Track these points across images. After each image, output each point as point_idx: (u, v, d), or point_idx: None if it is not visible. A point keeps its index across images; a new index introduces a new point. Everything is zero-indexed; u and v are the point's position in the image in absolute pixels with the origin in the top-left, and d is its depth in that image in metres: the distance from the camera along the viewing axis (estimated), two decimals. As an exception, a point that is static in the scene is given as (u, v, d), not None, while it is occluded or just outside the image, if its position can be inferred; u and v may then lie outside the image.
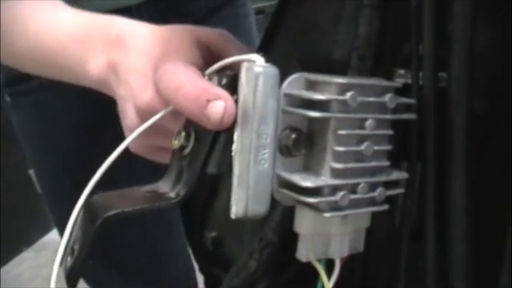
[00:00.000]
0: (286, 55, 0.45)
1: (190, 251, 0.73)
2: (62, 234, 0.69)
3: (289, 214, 0.30)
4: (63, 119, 0.64)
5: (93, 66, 0.40)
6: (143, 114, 0.37)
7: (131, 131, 0.38)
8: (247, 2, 0.75)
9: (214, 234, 0.44)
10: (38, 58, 0.45)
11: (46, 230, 2.11)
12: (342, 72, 0.37)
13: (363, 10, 0.33)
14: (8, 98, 0.66)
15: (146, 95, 0.36)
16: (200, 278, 0.68)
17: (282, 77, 0.30)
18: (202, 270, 0.66)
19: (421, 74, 0.32)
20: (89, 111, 0.62)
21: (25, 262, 1.98)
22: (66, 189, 0.67)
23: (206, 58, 0.38)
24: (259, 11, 1.84)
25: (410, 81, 0.33)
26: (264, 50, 0.48)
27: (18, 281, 1.86)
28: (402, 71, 0.35)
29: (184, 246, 0.75)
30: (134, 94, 0.37)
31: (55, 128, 0.65)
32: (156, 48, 0.38)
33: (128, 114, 0.38)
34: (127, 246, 0.69)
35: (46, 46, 0.43)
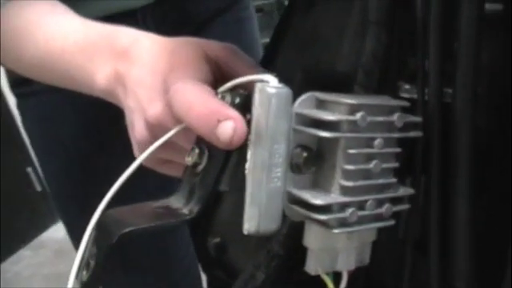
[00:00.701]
0: (291, 64, 0.45)
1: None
2: (68, 231, 0.70)
3: (296, 227, 0.31)
4: (67, 120, 0.65)
5: (100, 77, 0.41)
6: (152, 127, 0.37)
7: (140, 144, 0.38)
8: (250, 5, 0.76)
9: (217, 240, 0.44)
10: (48, 66, 0.45)
11: (44, 228, 2.12)
12: (346, 84, 0.38)
13: (370, 27, 0.34)
14: (15, 99, 0.67)
15: (155, 108, 0.36)
16: (204, 277, 0.69)
17: (287, 86, 0.30)
18: (205, 271, 0.67)
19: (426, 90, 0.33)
20: (93, 112, 0.62)
21: (23, 260, 1.98)
22: (71, 188, 0.68)
23: (214, 71, 0.39)
24: (258, 9, 1.84)
25: (415, 96, 0.34)
26: (269, 58, 0.49)
27: (16, 279, 1.86)
28: (407, 86, 0.35)
29: (189, 245, 0.75)
30: (143, 107, 0.37)
31: (59, 129, 0.66)
32: (164, 61, 0.38)
33: (136, 127, 0.39)
34: (132, 246, 0.69)
35: (55, 55, 0.44)
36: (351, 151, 0.27)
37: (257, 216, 0.26)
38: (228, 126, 0.28)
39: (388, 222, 0.30)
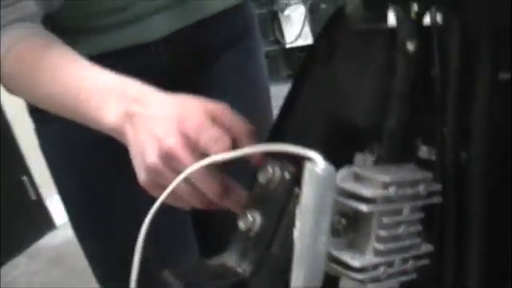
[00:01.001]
0: (311, 114, 0.49)
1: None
2: (81, 243, 0.73)
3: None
4: (82, 144, 0.68)
5: (109, 115, 0.47)
6: (165, 157, 0.43)
7: (149, 170, 0.44)
8: (257, 36, 0.80)
9: None
10: (62, 102, 0.51)
11: (40, 236, 2.12)
12: (366, 138, 0.42)
13: (395, 97, 0.38)
14: (33, 123, 0.70)
15: (171, 141, 0.43)
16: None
17: (307, 133, 0.34)
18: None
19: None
20: (107, 138, 0.65)
21: (18, 267, 2.00)
22: (86, 208, 0.71)
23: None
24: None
25: (432, 157, 0.38)
26: (290, 105, 0.53)
27: (13, 285, 1.87)
28: (424, 148, 0.40)
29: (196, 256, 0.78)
30: (159, 138, 0.43)
31: (75, 152, 0.69)
32: (176, 109, 0.45)
33: (148, 153, 0.44)
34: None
35: (69, 95, 0.50)
36: (384, 220, 0.31)
37: (303, 276, 0.30)
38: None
39: (411, 275, 0.34)
